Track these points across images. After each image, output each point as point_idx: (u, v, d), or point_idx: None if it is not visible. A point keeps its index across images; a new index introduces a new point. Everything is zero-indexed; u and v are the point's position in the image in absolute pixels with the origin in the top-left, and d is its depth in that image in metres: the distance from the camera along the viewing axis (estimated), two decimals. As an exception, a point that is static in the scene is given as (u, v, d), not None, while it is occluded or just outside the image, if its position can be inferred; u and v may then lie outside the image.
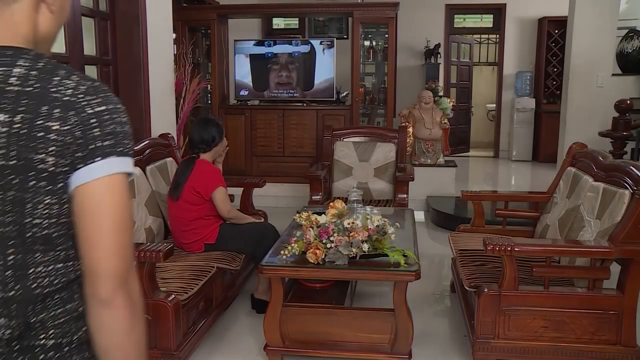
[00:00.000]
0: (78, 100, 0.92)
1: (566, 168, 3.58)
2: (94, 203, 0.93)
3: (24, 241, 0.92)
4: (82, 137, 0.92)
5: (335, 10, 6.73)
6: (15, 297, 0.93)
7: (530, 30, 9.22)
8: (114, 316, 0.95)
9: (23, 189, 0.90)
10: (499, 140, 9.58)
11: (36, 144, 0.89)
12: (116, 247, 0.94)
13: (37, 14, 0.97)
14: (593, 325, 2.65)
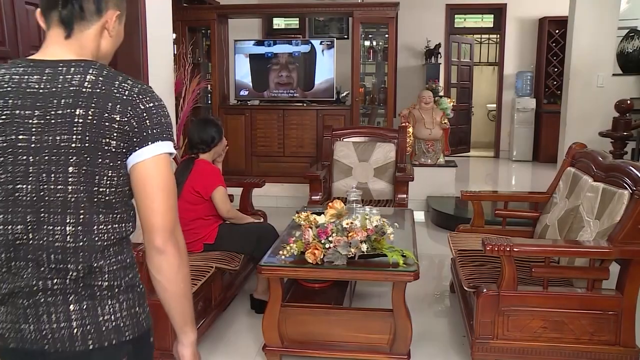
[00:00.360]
0: (133, 99, 1.22)
1: (566, 168, 3.57)
2: (147, 176, 1.24)
3: (92, 205, 1.22)
4: (137, 126, 1.22)
5: (335, 10, 6.74)
6: (84, 247, 1.22)
7: (530, 30, 9.22)
8: (166, 260, 1.28)
9: (94, 164, 1.20)
10: (499, 140, 9.58)
11: (104, 131, 1.19)
12: (165, 209, 1.26)
13: (100, 37, 1.31)
14: (592, 325, 2.65)
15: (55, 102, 1.20)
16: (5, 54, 2.96)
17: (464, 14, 10.08)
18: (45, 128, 1.19)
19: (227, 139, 6.54)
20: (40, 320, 1.22)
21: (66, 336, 1.23)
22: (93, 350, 1.25)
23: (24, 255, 1.22)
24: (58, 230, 1.21)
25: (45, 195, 1.20)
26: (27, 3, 3.11)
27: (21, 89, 1.21)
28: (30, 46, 3.13)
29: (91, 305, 1.25)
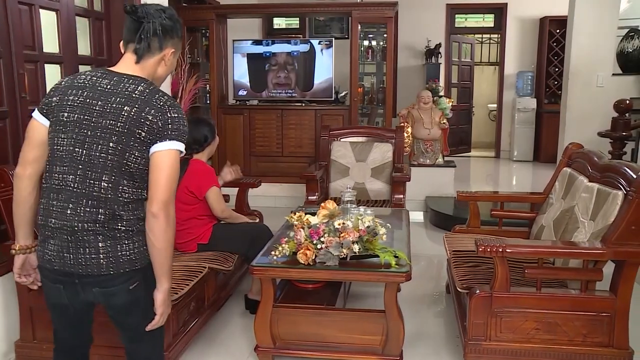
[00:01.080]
0: (165, 108, 1.77)
1: (562, 169, 3.55)
2: (161, 162, 1.76)
3: (120, 171, 1.76)
4: (162, 126, 1.76)
5: (334, 10, 6.72)
6: (109, 199, 1.76)
7: (531, 29, 9.18)
8: (157, 223, 1.75)
9: (127, 144, 1.75)
10: (500, 140, 9.55)
11: (139, 124, 1.74)
12: (166, 187, 1.75)
13: (158, 65, 1.89)
14: (585, 327, 2.63)
15: (113, 98, 1.76)
16: (-2, 53, 2.96)
17: (464, 14, 10.05)
18: (102, 114, 1.75)
19: (225, 139, 6.62)
20: (77, 252, 1.77)
21: (95, 265, 1.77)
22: (114, 274, 1.79)
23: (70, 199, 1.76)
24: (97, 184, 1.75)
25: (93, 159, 1.75)
26: (20, 3, 3.11)
27: (94, 87, 1.78)
28: (24, 46, 3.13)
29: (113, 244, 1.78)
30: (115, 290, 1.82)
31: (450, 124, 9.45)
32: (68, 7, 3.52)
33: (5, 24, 2.99)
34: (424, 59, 9.04)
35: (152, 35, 1.82)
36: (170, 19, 1.87)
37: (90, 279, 1.79)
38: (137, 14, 1.82)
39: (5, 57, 2.99)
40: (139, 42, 1.82)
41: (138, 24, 1.83)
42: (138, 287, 1.84)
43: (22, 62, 3.10)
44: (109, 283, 1.81)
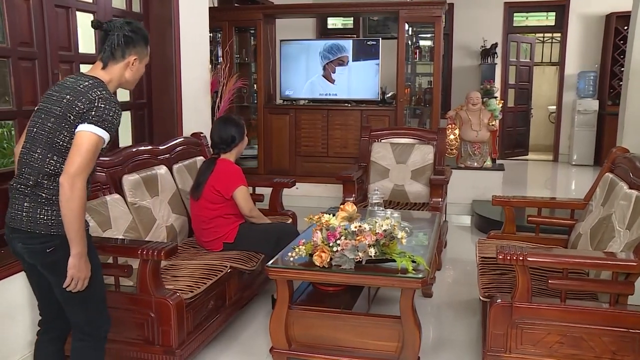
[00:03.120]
0: (95, 99, 2.03)
1: (604, 174, 3.36)
2: (77, 139, 2.00)
3: (51, 146, 2.05)
4: (87, 112, 2.01)
5: (381, 9, 6.63)
6: (37, 166, 2.06)
7: (595, 27, 8.77)
8: (62, 191, 1.97)
9: (60, 125, 2.04)
10: (558, 143, 9.17)
11: (71, 109, 2.02)
12: (75, 160, 1.98)
13: (125, 70, 2.19)
14: (614, 344, 2.46)
15: (66, 91, 2.07)
16: (32, 54, 3.08)
17: (524, 12, 9.71)
18: (54, 102, 2.07)
19: (271, 138, 6.67)
20: (13, 206, 2.10)
21: (19, 220, 2.07)
22: (31, 232, 2.06)
23: (18, 167, 2.12)
24: (33, 155, 2.07)
25: (37, 135, 2.08)
26: (56, 6, 3.22)
27: (62, 84, 2.13)
28: (59, 47, 3.24)
29: (35, 207, 2.06)
30: (35, 249, 2.08)
31: (507, 126, 9.24)
32: (105, 9, 3.62)
33: (41, 26, 3.10)
34: (480, 59, 8.80)
35: (116, 46, 2.14)
36: (132, 32, 2.18)
37: (16, 235, 2.10)
38: (102, 28, 2.16)
39: (40, 58, 3.11)
40: (104, 51, 2.15)
41: (105, 36, 2.15)
42: (54, 252, 2.07)
43: (57, 63, 3.21)
44: (28, 241, 2.08)
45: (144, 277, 2.60)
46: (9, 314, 2.75)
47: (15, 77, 2.95)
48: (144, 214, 3.26)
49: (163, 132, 4.12)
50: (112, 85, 2.18)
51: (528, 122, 9.62)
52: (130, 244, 2.72)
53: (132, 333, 2.68)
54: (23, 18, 3.00)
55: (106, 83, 2.14)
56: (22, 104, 3.01)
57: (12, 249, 2.17)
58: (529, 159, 9.43)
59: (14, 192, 2.11)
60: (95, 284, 2.18)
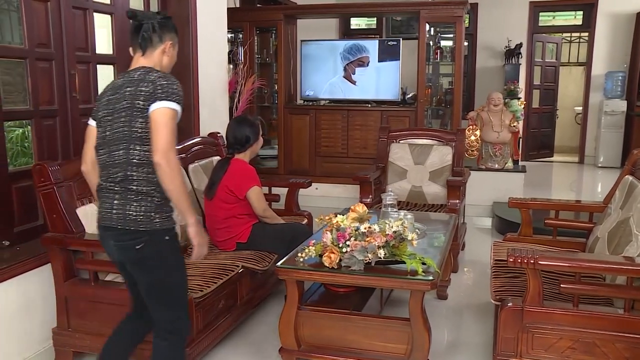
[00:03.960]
0: (155, 80, 2.10)
1: (624, 176, 3.29)
2: (155, 118, 2.07)
3: (130, 138, 2.12)
4: (153, 92, 2.07)
5: (402, 9, 6.59)
6: (123, 161, 2.13)
7: (625, 26, 8.56)
8: (161, 169, 2.06)
9: (132, 115, 2.10)
10: (584, 144, 8.99)
11: (136, 96, 2.09)
12: (162, 137, 2.05)
13: (162, 56, 2.25)
14: (628, 350, 2.40)
15: (123, 87, 2.15)
16: (50, 55, 3.13)
17: (550, 12, 9.56)
18: (116, 101, 2.15)
19: (292, 138, 6.68)
20: (103, 206, 2.18)
21: (109, 217, 2.15)
22: (122, 229, 2.12)
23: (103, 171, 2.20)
24: (115, 154, 2.15)
25: (114, 135, 2.15)
26: (74, 7, 3.27)
27: (114, 87, 2.21)
28: (76, 48, 3.29)
29: (124, 203, 2.13)
30: (126, 246, 2.15)
31: (531, 127, 9.11)
32: (123, 10, 3.66)
33: (58, 27, 3.16)
34: (504, 59, 8.69)
35: (152, 32, 2.21)
36: (164, 19, 2.27)
37: (109, 233, 2.18)
38: (137, 18, 2.23)
39: (57, 59, 3.16)
40: (142, 38, 2.21)
41: (139, 26, 2.21)
42: (143, 249, 2.13)
43: (74, 63, 3.26)
44: (120, 238, 2.15)
45: (153, 276, 2.61)
46: (25, 310, 2.81)
47: (32, 77, 3.02)
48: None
49: (179, 131, 4.15)
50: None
51: (553, 123, 9.46)
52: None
53: (142, 331, 2.71)
54: (40, 20, 3.06)
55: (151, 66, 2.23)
56: (39, 104, 3.07)
57: (105, 248, 2.27)
58: (554, 161, 9.28)
59: (103, 191, 2.18)
60: (177, 284, 2.28)
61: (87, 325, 2.80)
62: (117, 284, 2.80)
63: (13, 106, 3.07)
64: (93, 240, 2.75)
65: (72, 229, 2.74)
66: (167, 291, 2.24)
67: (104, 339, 2.71)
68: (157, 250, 2.16)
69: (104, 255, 2.77)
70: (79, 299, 2.80)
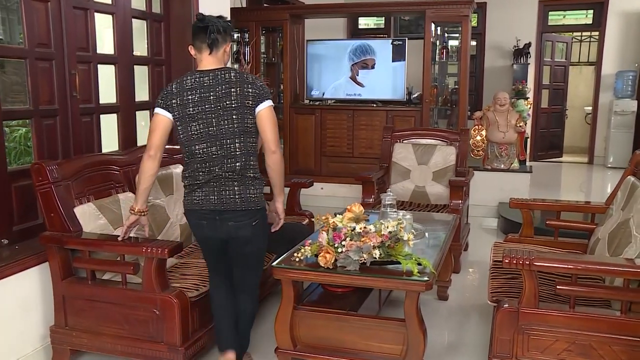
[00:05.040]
0: (255, 81, 2.53)
1: (626, 177, 3.25)
2: (265, 116, 2.51)
3: (244, 132, 2.51)
4: (259, 94, 2.50)
5: (408, 9, 6.55)
6: (243, 153, 2.52)
7: (636, 25, 8.46)
8: (275, 156, 2.58)
9: (244, 113, 2.48)
10: (594, 145, 8.90)
11: (245, 96, 2.47)
12: (274, 131, 2.54)
13: (224, 56, 2.57)
14: (625, 353, 2.38)
15: (219, 87, 2.48)
16: (50, 55, 3.15)
17: (560, 11, 9.48)
18: (218, 100, 2.48)
19: (297, 138, 6.67)
20: (221, 193, 2.53)
21: (232, 202, 2.53)
22: (244, 210, 2.55)
23: (214, 162, 2.51)
24: (232, 146, 2.50)
25: (224, 131, 2.50)
26: (75, 7, 3.29)
27: (201, 85, 2.50)
28: (76, 47, 3.31)
29: (244, 189, 2.54)
30: (243, 225, 2.57)
31: (540, 128, 9.04)
32: (125, 10, 3.69)
33: (59, 27, 3.18)
34: (512, 59, 8.63)
35: (217, 33, 2.52)
36: (226, 22, 2.60)
37: (228, 215, 2.54)
38: (204, 22, 2.53)
39: (57, 58, 3.18)
40: (210, 39, 2.51)
41: (205, 28, 2.51)
42: (258, 225, 2.60)
43: (74, 63, 3.28)
44: (240, 218, 2.55)
45: (148, 275, 2.63)
46: (24, 307, 2.83)
47: (32, 77, 3.03)
48: (157, 212, 3.30)
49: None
50: None
51: (562, 123, 9.38)
52: (136, 242, 2.75)
53: (138, 330, 2.72)
54: (41, 20, 3.08)
55: None
56: (38, 104, 3.08)
57: (215, 229, 2.58)
58: (563, 161, 9.20)
59: (222, 180, 2.52)
60: (265, 251, 2.82)
61: (85, 324, 2.82)
62: (114, 282, 2.82)
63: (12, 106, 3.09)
64: (91, 239, 2.78)
65: (69, 228, 2.75)
66: (261, 258, 2.80)
67: (101, 337, 2.77)
68: (263, 224, 2.67)
69: (101, 254, 2.82)
70: (77, 297, 2.82)
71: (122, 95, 3.73)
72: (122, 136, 3.77)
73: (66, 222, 2.75)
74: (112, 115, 3.71)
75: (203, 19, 2.53)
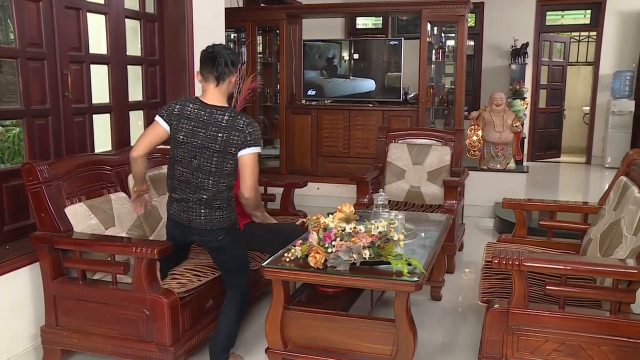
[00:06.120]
0: (244, 128, 2.65)
1: (619, 177, 3.25)
2: (244, 163, 2.68)
3: (220, 173, 2.68)
4: (244, 141, 2.64)
5: (404, 9, 6.55)
6: (214, 188, 2.69)
7: (634, 25, 8.44)
8: (246, 202, 2.92)
9: (224, 158, 2.66)
10: (591, 145, 8.89)
11: (229, 144, 2.64)
12: (250, 178, 2.72)
13: (229, 86, 2.72)
14: (614, 353, 2.37)
15: (211, 127, 2.64)
16: (41, 55, 3.15)
17: (558, 11, 9.48)
18: (205, 139, 2.65)
19: (293, 138, 6.67)
20: (189, 213, 2.74)
21: (197, 222, 2.73)
22: (209, 229, 2.74)
23: (188, 186, 2.71)
24: (205, 181, 2.68)
25: (202, 167, 2.66)
26: (67, 7, 3.28)
27: (197, 118, 2.67)
28: (69, 47, 3.31)
29: (210, 212, 2.73)
30: (209, 240, 2.80)
31: (538, 128, 9.04)
32: (118, 10, 3.68)
33: (51, 27, 3.17)
34: (510, 59, 8.63)
35: (225, 66, 2.65)
36: (232, 54, 2.72)
37: (194, 230, 2.77)
38: (213, 53, 2.65)
39: (49, 58, 3.18)
40: (217, 71, 2.65)
41: (213, 60, 2.64)
42: (223, 239, 2.79)
43: (66, 63, 3.28)
44: (205, 234, 2.77)
45: (138, 275, 2.63)
46: (15, 308, 2.83)
47: (23, 77, 3.03)
48: (150, 212, 3.30)
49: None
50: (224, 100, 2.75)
51: (560, 123, 9.37)
52: (126, 242, 2.75)
53: (128, 330, 2.72)
54: (32, 19, 3.07)
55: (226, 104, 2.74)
56: (30, 104, 3.08)
57: (181, 236, 2.86)
58: (560, 161, 9.19)
59: (189, 203, 2.73)
60: (247, 258, 3.05)
61: (75, 324, 2.82)
62: (104, 282, 2.81)
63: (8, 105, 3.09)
64: (81, 239, 2.77)
65: (60, 228, 2.75)
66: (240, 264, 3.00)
67: (92, 337, 2.78)
68: (232, 238, 2.85)
69: (92, 254, 2.82)
70: (67, 297, 2.82)
71: (115, 95, 3.73)
72: (115, 136, 3.77)
73: (57, 222, 2.75)
74: (105, 115, 3.71)
75: (213, 51, 2.65)
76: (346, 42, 7.00)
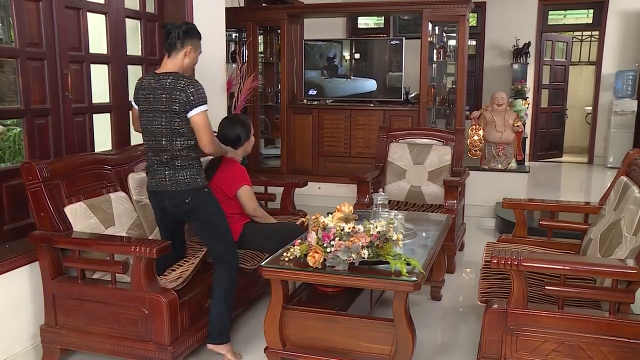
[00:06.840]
0: (185, 87, 2.71)
1: (619, 177, 3.24)
2: (196, 122, 2.75)
3: (172, 132, 2.77)
4: (187, 100, 2.71)
5: (405, 8, 6.54)
6: (169, 147, 2.79)
7: (636, 24, 8.41)
8: (211, 153, 2.97)
9: (170, 117, 2.74)
10: (594, 145, 8.87)
11: (172, 102, 2.72)
12: (206, 135, 2.78)
13: (184, 58, 2.84)
14: (614, 354, 2.36)
15: (157, 91, 2.74)
16: (41, 55, 3.15)
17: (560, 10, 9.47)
18: (154, 102, 2.75)
19: (294, 138, 6.67)
20: (156, 177, 2.87)
21: (163, 185, 2.85)
22: (175, 191, 2.84)
23: (152, 151, 2.86)
24: (160, 143, 2.79)
25: (156, 129, 2.78)
26: (67, 7, 3.29)
27: (149, 86, 2.79)
28: (69, 47, 3.31)
29: (174, 173, 2.83)
30: (178, 203, 2.87)
31: (540, 127, 9.02)
32: (118, 10, 3.69)
33: (50, 27, 3.18)
34: (512, 58, 8.61)
35: (176, 38, 2.79)
36: (187, 27, 2.86)
37: (164, 194, 2.87)
38: (167, 28, 2.84)
39: (49, 58, 3.18)
40: (168, 44, 2.82)
41: (167, 34, 2.81)
42: (191, 201, 2.86)
43: (66, 63, 3.28)
44: (173, 197, 2.86)
45: (137, 274, 2.63)
46: (14, 306, 2.83)
47: (23, 76, 3.04)
48: (149, 211, 3.29)
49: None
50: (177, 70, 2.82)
51: (562, 123, 9.35)
52: (125, 241, 2.76)
53: (127, 329, 2.72)
54: (32, 19, 3.08)
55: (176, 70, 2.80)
56: (30, 103, 3.09)
57: (159, 207, 2.96)
58: (562, 161, 9.17)
59: (155, 166, 2.86)
60: (225, 225, 3.04)
61: (74, 323, 2.82)
62: (104, 282, 2.82)
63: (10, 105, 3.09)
64: (80, 238, 2.78)
65: (59, 227, 2.75)
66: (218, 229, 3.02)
67: (91, 337, 2.78)
68: (201, 200, 2.90)
69: (91, 253, 2.82)
70: (67, 296, 2.82)
71: (115, 94, 3.73)
72: (116, 136, 3.78)
73: (56, 222, 2.75)
74: (105, 115, 3.71)
75: (166, 26, 2.87)
76: (347, 41, 7.00)
